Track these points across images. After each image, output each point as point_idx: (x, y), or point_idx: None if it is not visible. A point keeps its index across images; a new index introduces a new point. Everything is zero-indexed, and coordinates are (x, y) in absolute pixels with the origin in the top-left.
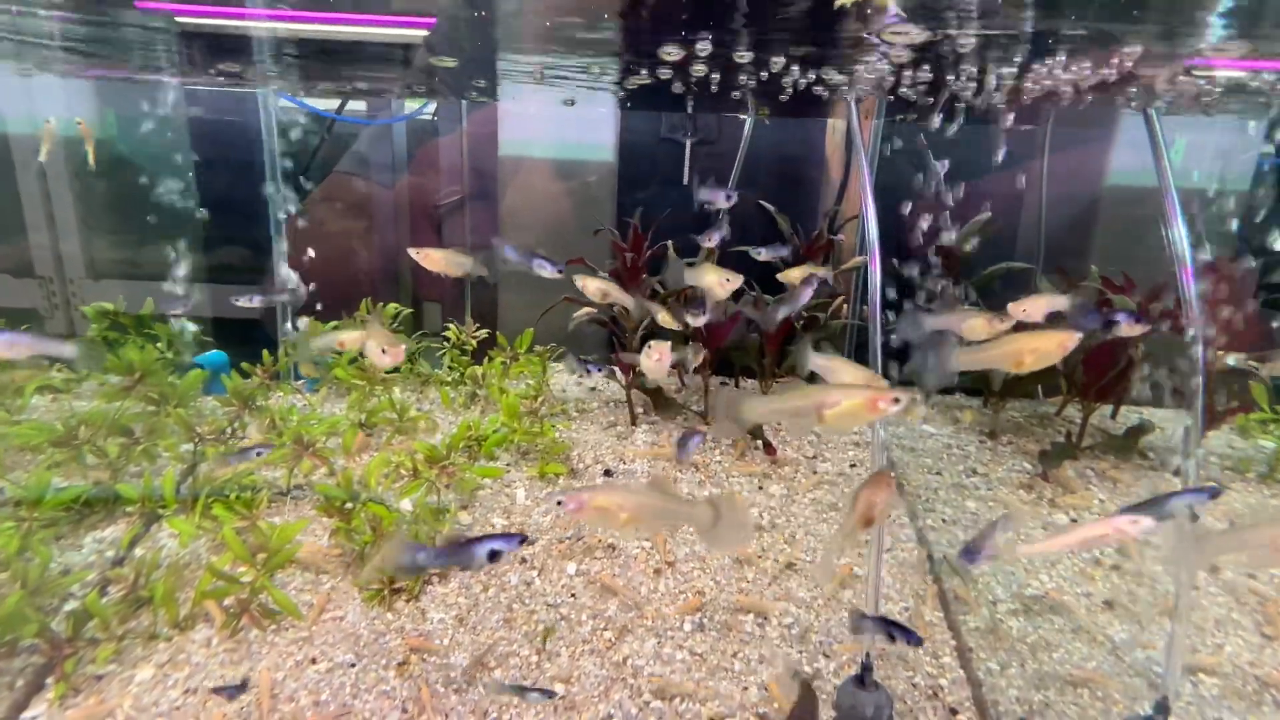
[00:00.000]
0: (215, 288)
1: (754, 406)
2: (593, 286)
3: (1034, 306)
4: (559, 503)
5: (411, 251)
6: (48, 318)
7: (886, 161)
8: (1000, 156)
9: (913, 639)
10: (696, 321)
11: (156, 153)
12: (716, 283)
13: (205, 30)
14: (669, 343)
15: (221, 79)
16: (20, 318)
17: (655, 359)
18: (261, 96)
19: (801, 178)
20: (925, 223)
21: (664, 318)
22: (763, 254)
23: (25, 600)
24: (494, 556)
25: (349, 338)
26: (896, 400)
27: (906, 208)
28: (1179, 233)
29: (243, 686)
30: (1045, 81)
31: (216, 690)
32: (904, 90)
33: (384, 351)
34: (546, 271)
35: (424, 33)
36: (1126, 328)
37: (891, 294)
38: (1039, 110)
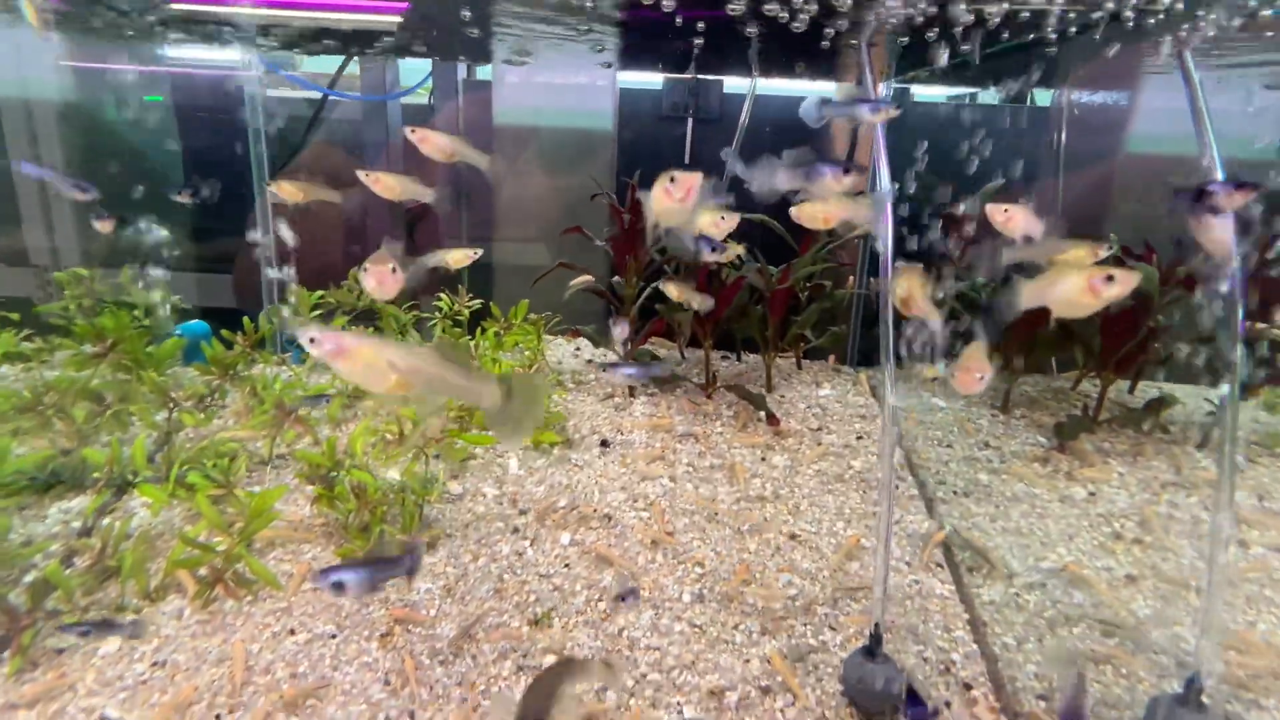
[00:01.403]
0: (201, 276)
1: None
2: (674, 290)
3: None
4: (311, 340)
5: (361, 174)
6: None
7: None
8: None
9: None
10: (712, 258)
11: (144, 139)
12: (711, 222)
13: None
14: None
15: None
16: (13, 306)
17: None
18: (245, 80)
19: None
20: (938, 192)
21: (672, 289)
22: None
23: None
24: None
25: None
26: (1110, 279)
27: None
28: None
29: None
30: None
31: None
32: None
33: (393, 271)
34: (708, 256)
35: (397, 18)
36: (1226, 198)
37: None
38: (1061, 71)
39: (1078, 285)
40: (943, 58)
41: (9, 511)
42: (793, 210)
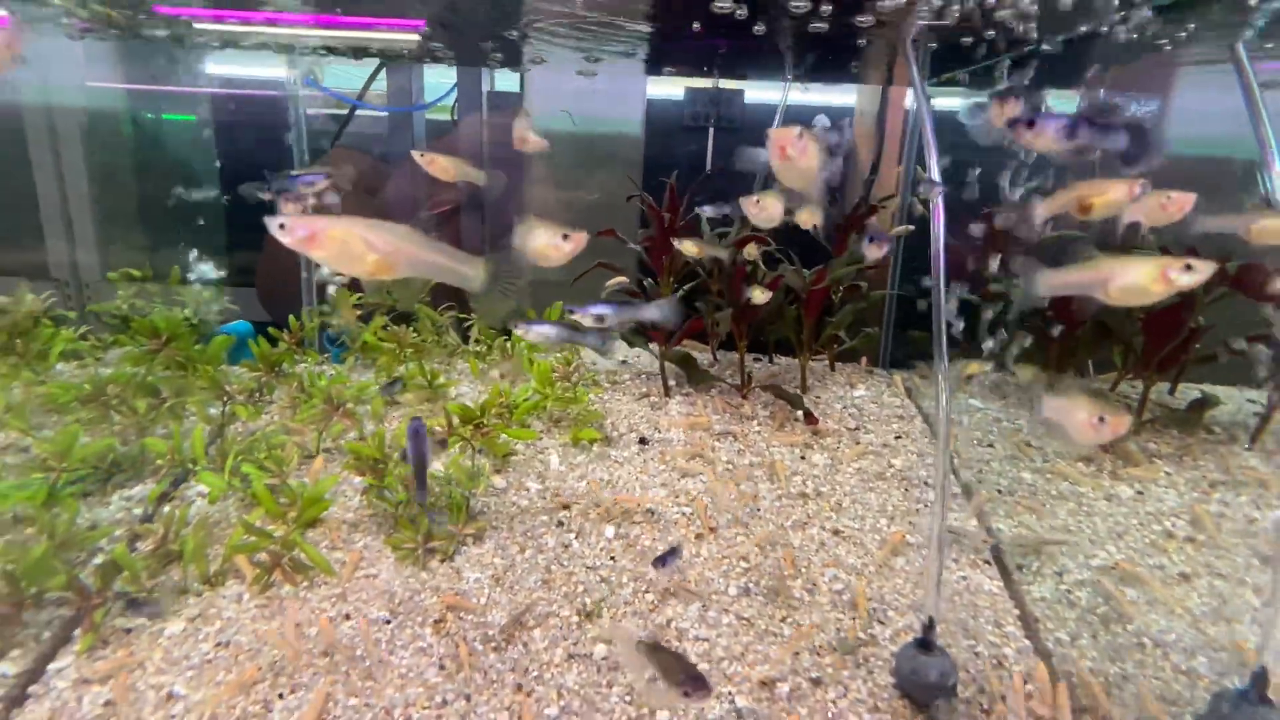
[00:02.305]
0: (237, 290)
1: (1044, 278)
2: (691, 247)
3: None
4: (280, 226)
5: (415, 154)
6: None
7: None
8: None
9: None
10: (877, 253)
11: (181, 156)
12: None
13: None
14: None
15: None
16: (34, 318)
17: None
18: (289, 95)
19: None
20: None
21: (688, 246)
22: (707, 210)
23: (52, 552)
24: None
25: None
26: (1189, 267)
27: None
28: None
29: None
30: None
31: None
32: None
33: (565, 237)
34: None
35: (415, 36)
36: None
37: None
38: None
39: (1149, 274)
40: (982, 60)
41: (76, 497)
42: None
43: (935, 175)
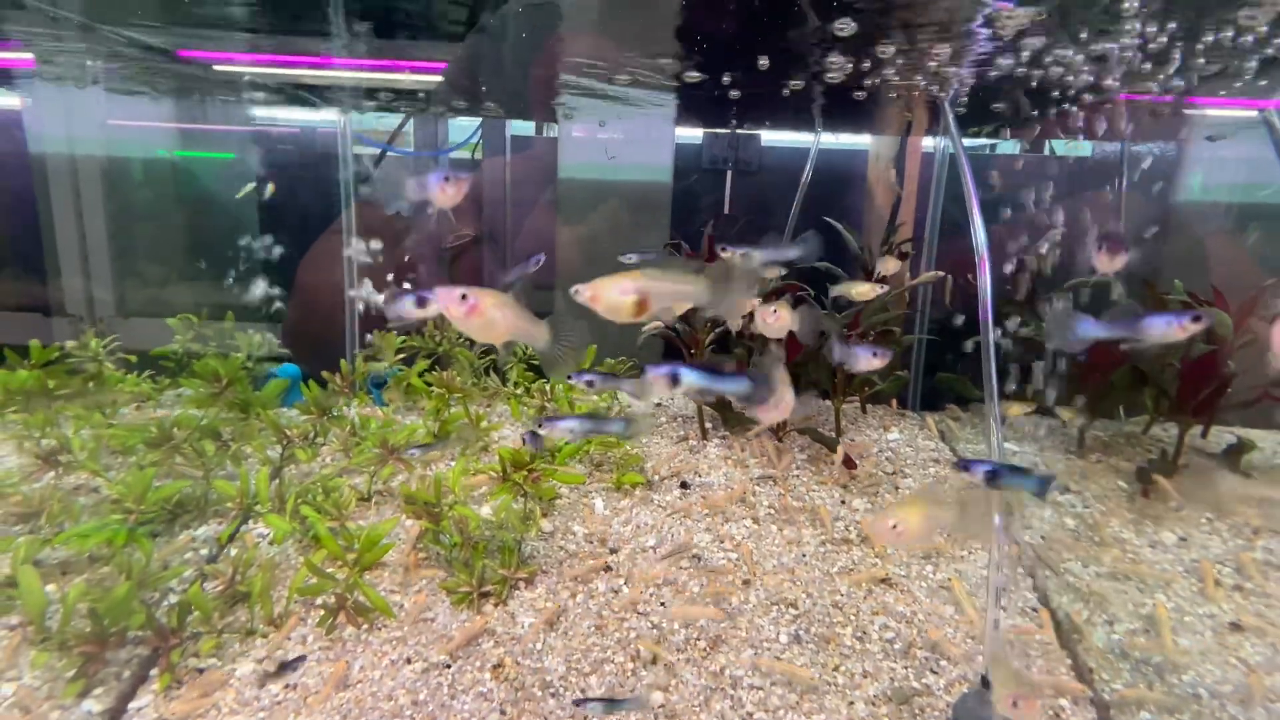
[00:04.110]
0: (275, 327)
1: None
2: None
3: None
4: (462, 298)
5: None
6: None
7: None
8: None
9: None
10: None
11: (223, 194)
12: (867, 290)
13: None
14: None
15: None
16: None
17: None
18: (339, 135)
19: (844, 205)
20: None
21: (862, 290)
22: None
23: (133, 592)
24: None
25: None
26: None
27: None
28: None
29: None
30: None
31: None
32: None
33: (775, 313)
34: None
35: (437, 78)
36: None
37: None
38: (1118, 124)
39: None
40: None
41: (149, 537)
42: None
43: (980, 229)
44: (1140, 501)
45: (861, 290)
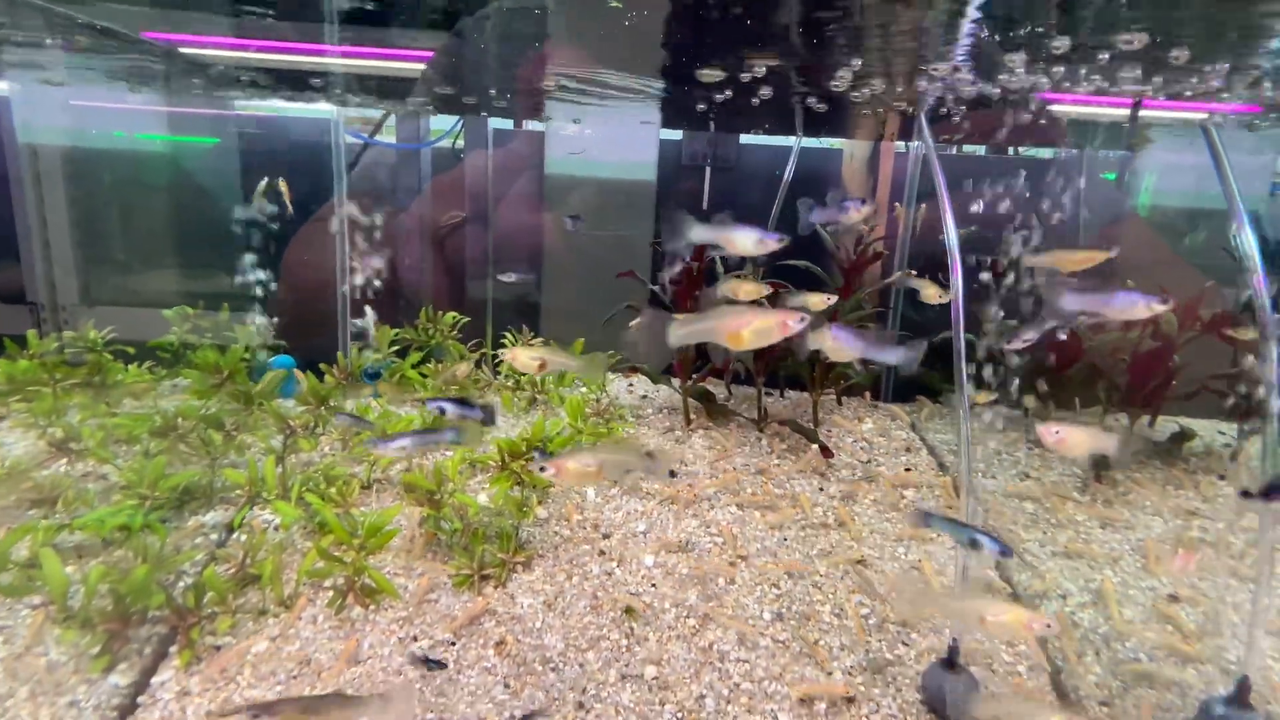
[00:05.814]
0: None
1: (674, 330)
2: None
3: None
4: (542, 469)
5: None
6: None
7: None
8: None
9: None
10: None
11: (206, 181)
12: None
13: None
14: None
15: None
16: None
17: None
18: (332, 124)
19: (821, 203)
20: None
21: (931, 293)
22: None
23: (152, 573)
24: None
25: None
26: (803, 319)
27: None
28: (1248, 240)
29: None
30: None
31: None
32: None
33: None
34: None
35: (421, 66)
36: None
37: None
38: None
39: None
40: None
41: (163, 521)
42: None
43: (952, 229)
44: (1093, 486)
45: (930, 293)
